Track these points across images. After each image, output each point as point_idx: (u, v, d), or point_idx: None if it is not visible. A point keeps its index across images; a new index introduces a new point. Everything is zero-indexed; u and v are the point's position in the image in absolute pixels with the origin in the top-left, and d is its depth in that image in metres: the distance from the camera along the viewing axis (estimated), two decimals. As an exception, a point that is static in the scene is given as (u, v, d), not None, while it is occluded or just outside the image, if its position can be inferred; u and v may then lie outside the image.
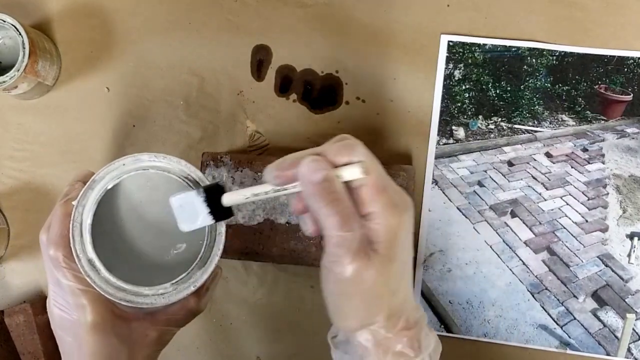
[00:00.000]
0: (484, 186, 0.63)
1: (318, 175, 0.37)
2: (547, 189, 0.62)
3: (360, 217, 0.38)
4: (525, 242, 0.62)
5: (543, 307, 0.61)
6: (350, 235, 0.37)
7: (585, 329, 0.60)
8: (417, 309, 0.41)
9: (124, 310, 0.46)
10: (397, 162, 0.62)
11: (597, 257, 0.61)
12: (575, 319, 0.61)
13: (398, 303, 0.39)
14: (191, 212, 0.43)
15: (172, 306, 0.47)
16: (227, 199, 0.42)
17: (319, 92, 0.64)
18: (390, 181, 0.39)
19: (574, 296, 0.61)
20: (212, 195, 0.42)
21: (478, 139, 0.63)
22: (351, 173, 0.38)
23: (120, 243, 0.51)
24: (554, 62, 0.63)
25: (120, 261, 0.47)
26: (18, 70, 0.58)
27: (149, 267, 0.51)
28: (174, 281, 0.44)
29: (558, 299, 0.61)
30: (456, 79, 0.64)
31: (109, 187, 0.45)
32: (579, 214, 0.62)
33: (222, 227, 0.45)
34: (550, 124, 0.63)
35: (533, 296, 0.61)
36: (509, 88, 0.63)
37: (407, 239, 0.40)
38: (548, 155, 0.63)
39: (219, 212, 0.42)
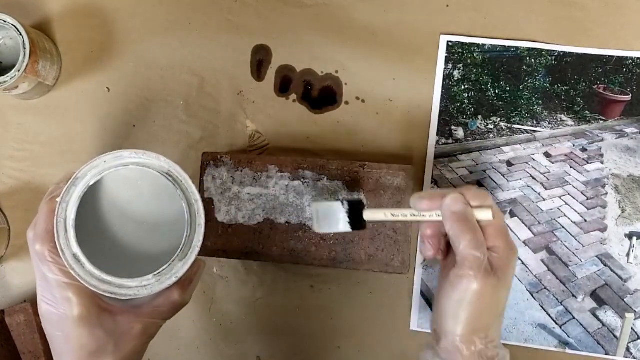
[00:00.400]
0: (483, 186, 0.63)
1: (461, 206, 0.47)
2: (546, 188, 0.63)
3: (486, 250, 0.47)
4: (524, 242, 0.62)
5: (542, 307, 0.61)
6: (483, 257, 0.46)
7: (584, 328, 0.61)
8: (500, 341, 0.49)
9: (109, 304, 0.47)
10: (396, 162, 0.62)
11: (596, 256, 0.61)
12: (574, 318, 0.61)
13: (497, 326, 0.49)
14: (330, 218, 0.52)
15: (157, 299, 0.48)
16: (368, 215, 0.51)
17: (318, 92, 0.64)
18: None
19: (573, 296, 0.61)
20: (353, 207, 0.51)
21: (477, 139, 0.64)
22: (484, 214, 0.47)
23: (105, 237, 0.52)
24: (553, 62, 0.63)
25: (105, 255, 0.48)
26: (19, 71, 0.58)
27: (133, 260, 0.52)
28: (155, 272, 0.46)
29: (557, 299, 0.61)
30: (455, 79, 0.64)
31: (91, 183, 0.46)
32: (578, 213, 0.62)
33: (201, 219, 0.47)
34: (549, 124, 0.63)
35: (532, 295, 0.61)
36: (508, 88, 0.64)
37: (512, 277, 0.49)
38: (547, 155, 0.63)
39: (355, 222, 0.51)
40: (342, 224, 0.51)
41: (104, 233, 0.52)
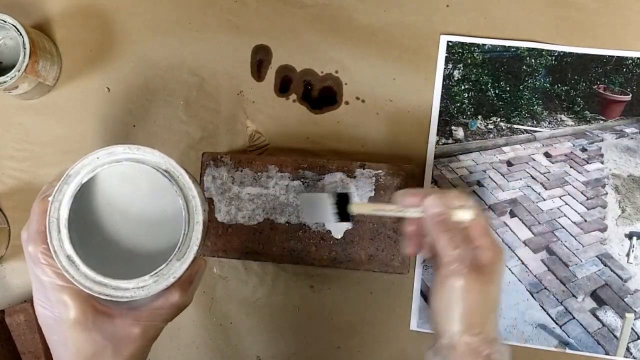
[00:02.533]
0: (483, 186, 0.63)
1: (438, 209, 0.48)
2: (546, 188, 0.63)
3: (470, 248, 0.48)
4: (524, 242, 0.62)
5: (542, 307, 0.61)
6: (463, 254, 0.47)
7: (584, 328, 0.61)
8: (498, 336, 0.49)
9: (106, 306, 0.45)
10: (396, 162, 0.62)
11: (596, 256, 0.61)
12: (574, 318, 0.61)
13: (492, 322, 0.49)
14: (317, 209, 0.53)
15: (156, 300, 0.46)
16: (354, 209, 0.52)
17: (318, 92, 0.64)
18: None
19: (573, 296, 0.61)
20: (340, 200, 0.52)
21: (477, 139, 0.64)
22: (464, 214, 0.48)
23: (100, 237, 0.50)
24: (553, 62, 0.63)
25: (101, 255, 0.46)
26: (19, 71, 0.58)
27: (130, 260, 0.50)
28: (152, 273, 0.43)
29: (557, 299, 0.61)
30: (455, 79, 0.64)
31: (84, 181, 0.44)
32: (578, 213, 0.62)
33: (200, 216, 0.45)
34: (549, 124, 0.63)
35: (532, 296, 0.61)
36: (508, 88, 0.64)
37: (501, 275, 0.50)
38: (547, 155, 0.63)
39: (342, 215, 0.52)
40: (328, 215, 0.52)
41: (100, 232, 0.50)
